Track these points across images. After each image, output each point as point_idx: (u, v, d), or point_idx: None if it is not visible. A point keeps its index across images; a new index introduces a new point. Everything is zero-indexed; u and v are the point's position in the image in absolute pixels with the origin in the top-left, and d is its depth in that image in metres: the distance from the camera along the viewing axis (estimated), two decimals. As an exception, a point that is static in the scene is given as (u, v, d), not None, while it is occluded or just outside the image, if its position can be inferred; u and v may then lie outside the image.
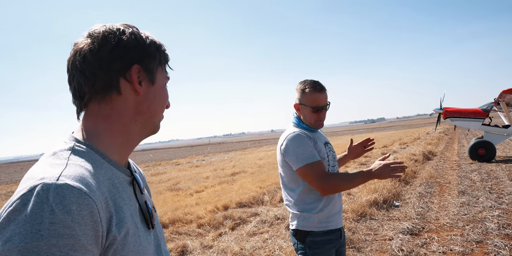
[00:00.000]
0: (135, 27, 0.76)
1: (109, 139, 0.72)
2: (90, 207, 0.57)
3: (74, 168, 0.61)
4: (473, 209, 4.72)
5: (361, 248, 3.68)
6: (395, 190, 5.92)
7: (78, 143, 0.68)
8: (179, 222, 5.19)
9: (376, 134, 36.88)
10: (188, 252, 3.97)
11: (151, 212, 0.76)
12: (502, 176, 6.91)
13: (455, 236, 3.77)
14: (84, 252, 0.55)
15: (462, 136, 19.49)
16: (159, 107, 0.78)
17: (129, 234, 0.64)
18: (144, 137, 0.79)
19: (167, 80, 0.81)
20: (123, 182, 0.71)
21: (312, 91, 1.70)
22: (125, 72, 0.71)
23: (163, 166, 20.25)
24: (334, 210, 1.71)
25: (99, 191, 0.61)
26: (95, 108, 0.72)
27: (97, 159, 0.68)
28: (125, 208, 0.66)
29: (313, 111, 1.71)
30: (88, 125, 0.72)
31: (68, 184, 0.56)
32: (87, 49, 0.70)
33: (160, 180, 11.84)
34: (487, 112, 10.11)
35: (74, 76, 0.71)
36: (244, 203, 6.04)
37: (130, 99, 0.73)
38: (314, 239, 1.65)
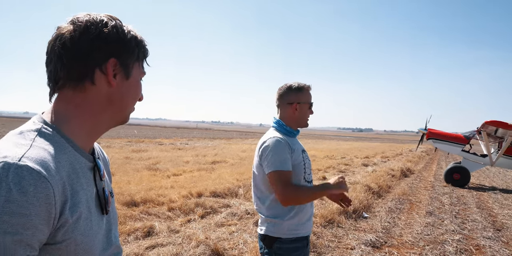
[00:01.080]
0: (119, 20, 0.77)
1: (77, 125, 0.74)
2: (46, 190, 0.59)
3: (37, 150, 0.63)
4: (436, 231, 4.88)
5: (323, 253, 3.78)
6: (366, 202, 6.06)
7: (46, 126, 0.70)
8: (150, 203, 5.20)
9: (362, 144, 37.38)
10: (154, 234, 4.00)
11: (107, 199, 0.79)
12: (470, 203, 7.14)
13: (413, 254, 3.90)
14: (34, 231, 0.58)
15: (442, 158, 19.95)
16: (130, 100, 0.81)
17: (81, 218, 0.67)
18: (112, 126, 0.81)
19: (143, 75, 0.83)
20: (84, 168, 0.73)
21: (307, 88, 1.81)
22: (101, 64, 0.73)
23: (146, 143, 20.12)
24: (305, 217, 1.73)
25: (58, 175, 0.63)
26: (68, 93, 0.74)
27: (62, 143, 0.70)
28: (81, 193, 0.69)
29: (310, 107, 1.81)
30: (58, 109, 0.74)
31: (28, 166, 0.59)
32: (68, 36, 0.71)
33: (140, 157, 11.78)
34: (468, 139, 10.39)
35: (51, 60, 0.73)
36: (218, 193, 6.08)
37: (103, 90, 0.75)
38: (281, 246, 1.66)
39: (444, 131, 10.93)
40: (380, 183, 7.98)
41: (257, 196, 1.76)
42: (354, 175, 9.67)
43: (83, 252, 0.69)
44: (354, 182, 8.03)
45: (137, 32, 0.79)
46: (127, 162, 10.04)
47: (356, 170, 11.22)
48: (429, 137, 10.66)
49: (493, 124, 8.83)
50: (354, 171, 10.91)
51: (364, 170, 11.12)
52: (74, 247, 0.67)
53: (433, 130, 10.73)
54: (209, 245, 3.53)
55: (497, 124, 8.81)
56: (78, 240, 0.67)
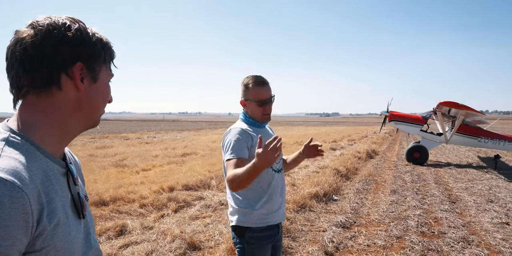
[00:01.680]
0: (82, 22, 0.75)
1: (46, 131, 0.73)
2: (22, 200, 0.59)
3: (7, 160, 0.62)
4: (400, 208, 5.20)
5: (296, 237, 3.92)
6: (336, 185, 6.31)
7: (13, 134, 0.69)
8: (120, 201, 5.10)
9: (329, 128, 38.42)
10: (127, 232, 3.95)
11: (82, 203, 0.79)
12: (429, 179, 7.65)
13: (380, 231, 4.15)
14: (13, 241, 0.58)
15: (404, 138, 21.03)
16: (100, 103, 0.80)
17: (59, 224, 0.67)
18: (82, 130, 0.81)
19: (111, 77, 0.82)
20: (57, 174, 0.73)
21: (255, 85, 1.75)
22: (67, 68, 0.72)
23: (111, 139, 19.44)
24: (275, 207, 1.79)
25: (32, 184, 0.63)
26: (33, 100, 0.72)
27: (32, 150, 0.69)
28: (57, 200, 0.69)
29: (258, 105, 1.76)
30: (24, 116, 0.72)
31: (1, 178, 0.58)
32: (29, 41, 0.69)
33: (105, 154, 11.40)
34: (426, 119, 11.06)
35: (13, 66, 0.70)
36: (190, 186, 6.06)
37: (71, 95, 0.74)
38: (252, 235, 1.73)
39: (404, 113, 11.52)
40: (347, 166, 8.31)
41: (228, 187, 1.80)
42: (323, 160, 9.98)
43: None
44: (323, 166, 8.30)
45: (102, 34, 0.78)
46: (91, 160, 9.69)
47: (324, 154, 11.52)
48: (391, 119, 11.21)
49: (447, 104, 9.42)
50: (323, 155, 11.24)
51: (332, 154, 11.49)
52: (54, 254, 0.67)
53: (395, 112, 11.28)
54: (185, 239, 3.55)
55: (450, 104, 9.41)
56: (57, 247, 0.67)
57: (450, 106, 9.45)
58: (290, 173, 7.56)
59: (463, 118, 10.04)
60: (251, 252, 1.73)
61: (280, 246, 1.93)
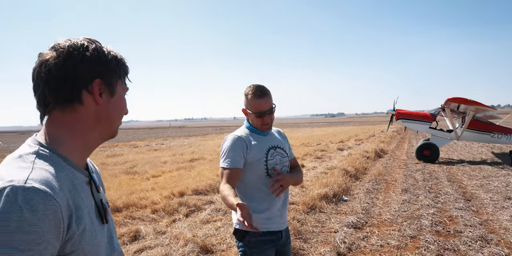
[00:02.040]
0: (98, 42, 0.82)
1: (70, 144, 0.79)
2: (54, 207, 0.65)
3: (39, 171, 0.68)
4: (412, 207, 5.14)
5: (308, 239, 3.90)
6: (345, 185, 6.27)
7: (42, 147, 0.75)
8: (133, 207, 5.14)
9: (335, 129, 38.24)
10: (140, 237, 3.98)
11: (105, 209, 0.85)
12: (442, 177, 7.55)
13: (393, 231, 4.11)
14: (46, 245, 0.64)
15: (413, 136, 20.82)
16: (117, 115, 0.86)
17: (86, 229, 0.73)
18: (102, 141, 0.87)
19: (126, 91, 0.89)
20: (82, 182, 0.79)
21: (253, 97, 1.75)
22: (87, 85, 0.78)
23: (120, 147, 19.63)
24: (274, 213, 1.78)
25: (62, 192, 0.68)
26: (58, 115, 0.78)
27: (59, 162, 0.75)
28: (83, 206, 0.74)
29: (257, 116, 1.77)
30: (51, 130, 0.78)
31: (35, 187, 0.64)
32: (53, 63, 0.75)
33: (116, 162, 11.52)
34: (434, 116, 10.92)
35: (39, 86, 0.77)
36: (200, 191, 6.09)
37: (91, 109, 0.80)
38: (251, 239, 1.72)
39: (412, 111, 11.42)
40: (356, 166, 8.25)
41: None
42: (331, 160, 9.94)
43: None
44: (332, 167, 8.25)
45: (116, 52, 0.84)
46: (103, 168, 9.78)
47: (332, 155, 11.51)
48: (398, 117, 11.10)
49: (455, 100, 9.32)
50: (330, 156, 11.19)
51: (340, 154, 11.44)
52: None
53: (401, 110, 11.17)
54: (197, 243, 3.56)
55: (458, 100, 9.30)
56: (85, 250, 0.73)
57: (458, 102, 9.34)
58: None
59: (473, 113, 9.91)
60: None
61: (288, 250, 1.89)
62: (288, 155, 1.90)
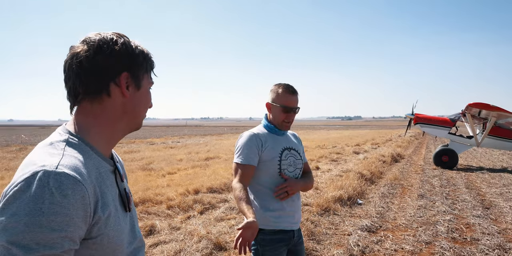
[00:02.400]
0: (126, 37, 0.86)
1: (97, 133, 0.83)
2: (82, 192, 0.69)
3: (69, 158, 0.73)
4: (428, 212, 5.06)
5: (321, 240, 3.90)
6: (360, 188, 6.22)
7: (72, 136, 0.80)
8: (149, 202, 5.25)
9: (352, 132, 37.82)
10: (155, 232, 4.07)
11: (128, 198, 0.89)
12: (459, 184, 7.38)
13: (408, 236, 4.06)
14: (75, 227, 0.68)
15: (431, 141, 20.39)
16: (142, 108, 0.90)
17: (111, 215, 0.77)
18: (127, 133, 0.91)
19: (151, 85, 0.93)
20: (107, 171, 0.83)
21: (285, 92, 1.82)
22: (115, 77, 0.82)
23: (137, 144, 20.01)
24: (286, 212, 1.79)
25: (89, 179, 0.73)
26: (87, 106, 0.83)
27: (87, 150, 0.79)
28: (108, 194, 0.79)
29: (283, 110, 1.81)
30: (79, 119, 0.83)
31: (65, 173, 0.68)
32: (84, 56, 0.79)
33: (133, 158, 11.76)
34: (454, 121, 10.67)
35: (70, 77, 0.81)
36: (214, 189, 6.16)
37: (118, 100, 0.84)
38: (264, 237, 1.75)
39: (431, 115, 11.19)
40: (372, 170, 8.16)
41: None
42: (346, 163, 9.86)
43: (114, 245, 0.78)
44: (347, 170, 8.20)
45: (143, 47, 0.88)
46: (120, 164, 10.02)
47: (348, 158, 11.41)
48: (416, 122, 10.91)
49: (476, 106, 9.09)
50: (346, 159, 11.10)
51: (355, 157, 11.32)
52: (107, 241, 0.76)
53: (420, 115, 10.97)
54: (211, 240, 3.62)
55: (480, 106, 9.07)
56: (110, 235, 0.76)
57: (480, 107, 9.11)
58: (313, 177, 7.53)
59: (495, 119, 9.64)
60: (264, 254, 1.74)
61: (301, 250, 1.90)
62: (301, 157, 1.91)
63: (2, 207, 0.65)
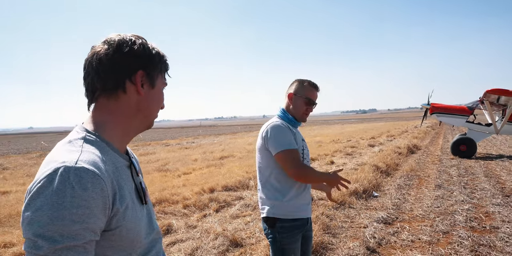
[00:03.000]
0: (144, 39, 0.91)
1: (113, 130, 0.88)
2: (101, 185, 0.73)
3: (87, 154, 0.77)
4: (446, 202, 4.98)
5: (337, 234, 3.90)
6: (375, 181, 6.16)
7: (88, 133, 0.84)
8: (165, 202, 5.36)
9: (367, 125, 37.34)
10: (173, 231, 4.15)
11: (144, 191, 0.94)
12: (478, 172, 7.22)
13: (425, 227, 4.01)
14: (96, 219, 0.72)
15: (449, 131, 19.94)
16: (155, 107, 0.94)
17: (128, 207, 0.81)
18: (140, 131, 0.95)
19: (165, 85, 0.97)
20: (123, 166, 0.88)
21: (310, 86, 1.93)
22: (131, 75, 0.87)
23: (153, 146, 20.32)
24: (303, 201, 1.87)
25: (107, 173, 0.77)
26: (104, 102, 0.88)
27: (104, 146, 0.84)
28: (125, 187, 0.83)
29: (306, 103, 1.90)
30: (96, 117, 0.88)
31: (84, 167, 0.73)
32: (104, 53, 0.85)
33: (149, 160, 11.96)
34: (472, 110, 10.39)
35: (89, 74, 0.86)
36: (230, 187, 6.22)
37: (133, 98, 0.89)
38: (283, 224, 1.82)
39: (447, 104, 10.93)
40: (387, 162, 8.07)
41: (260, 179, 1.91)
42: (361, 157, 9.77)
43: (133, 236, 0.83)
44: (362, 163, 8.13)
45: (159, 49, 0.93)
46: (137, 166, 10.22)
47: (363, 151, 11.30)
48: (432, 111, 10.67)
49: (495, 92, 8.83)
50: (361, 152, 10.99)
51: (371, 150, 11.20)
52: (126, 232, 0.80)
53: (436, 104, 10.74)
54: (227, 236, 3.67)
55: (499, 92, 8.81)
56: (128, 226, 0.80)
57: (499, 93, 8.84)
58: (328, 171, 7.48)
59: (515, 106, 9.35)
60: (282, 241, 1.81)
61: (311, 236, 2.02)
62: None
63: (28, 203, 0.69)
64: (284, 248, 1.80)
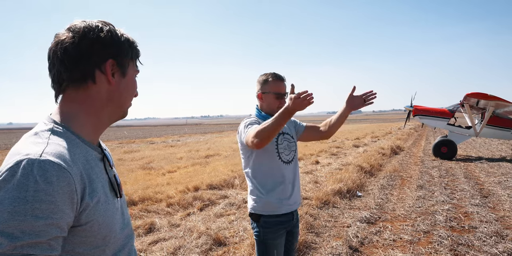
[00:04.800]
0: (112, 25, 0.85)
1: (83, 121, 0.83)
2: (67, 179, 0.69)
3: (54, 146, 0.72)
4: (427, 203, 5.08)
5: (320, 233, 3.93)
6: (359, 181, 6.24)
7: (57, 125, 0.79)
8: (148, 201, 5.27)
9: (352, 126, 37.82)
10: (155, 230, 4.09)
11: (119, 184, 0.90)
12: (458, 174, 7.40)
13: (406, 226, 4.08)
14: (62, 215, 0.67)
15: (431, 133, 20.38)
16: (128, 96, 0.90)
17: (100, 201, 0.77)
18: (113, 121, 0.91)
19: (137, 73, 0.92)
20: (95, 159, 0.83)
21: (275, 79, 1.89)
22: (100, 64, 0.82)
23: (137, 144, 20.03)
24: (283, 196, 1.86)
25: (75, 166, 0.73)
26: (72, 93, 0.83)
27: (73, 138, 0.79)
28: (96, 181, 0.79)
29: (276, 97, 1.88)
30: (64, 108, 0.83)
31: (50, 160, 0.68)
32: (69, 42, 0.79)
33: (133, 158, 11.77)
34: (452, 112, 10.67)
35: (54, 65, 0.81)
36: (214, 186, 6.18)
37: (103, 88, 0.84)
38: (266, 220, 1.84)
39: (429, 107, 11.19)
40: (371, 163, 8.18)
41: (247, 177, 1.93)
42: (346, 157, 9.88)
43: (105, 231, 0.79)
44: (346, 163, 8.22)
45: (129, 35, 0.88)
46: (120, 164, 10.04)
47: (347, 151, 11.43)
48: (415, 113, 10.90)
49: (474, 96, 9.08)
50: (345, 153, 11.11)
51: (355, 151, 11.35)
52: (98, 227, 0.77)
53: (419, 107, 10.96)
54: (210, 235, 3.64)
55: (478, 95, 9.06)
56: (100, 221, 0.77)
57: (478, 97, 9.09)
58: (313, 171, 7.54)
59: (493, 109, 9.63)
60: (265, 236, 1.83)
61: (297, 232, 2.01)
62: (294, 140, 2.00)
63: None
64: (267, 243, 1.83)
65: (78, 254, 0.75)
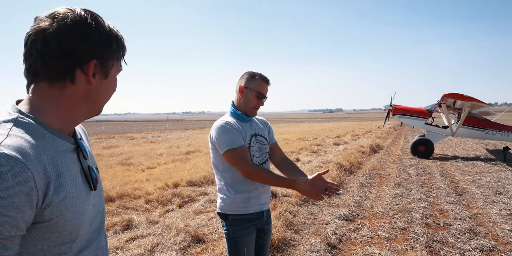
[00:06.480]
0: (100, 17, 0.78)
1: (53, 117, 0.76)
2: (25, 174, 0.63)
3: (14, 138, 0.66)
4: (404, 200, 5.19)
5: (299, 230, 3.94)
6: (339, 179, 6.31)
7: (22, 115, 0.72)
8: (127, 197, 5.16)
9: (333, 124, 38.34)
10: (133, 227, 4.00)
11: (94, 176, 0.83)
12: (435, 172, 7.61)
13: (384, 223, 4.15)
14: (17, 212, 0.62)
15: (409, 132, 20.89)
16: (106, 96, 0.84)
17: (67, 197, 0.71)
18: (87, 118, 0.85)
19: (119, 72, 0.86)
20: (66, 150, 0.77)
21: (261, 80, 1.87)
22: (83, 65, 0.75)
23: (116, 139, 19.60)
24: (253, 195, 1.83)
25: (36, 160, 0.66)
26: (45, 87, 0.75)
27: (40, 130, 0.72)
28: (66, 174, 0.73)
29: (257, 96, 1.85)
30: (35, 100, 0.76)
31: (5, 153, 0.62)
32: (52, 35, 0.71)
33: (112, 153, 11.51)
34: (430, 112, 10.95)
35: (31, 54, 0.73)
36: (194, 182, 6.11)
37: (82, 88, 0.77)
38: (235, 218, 1.82)
39: (408, 106, 11.44)
40: (351, 161, 8.29)
41: (215, 174, 1.91)
42: (326, 155, 9.98)
43: (72, 227, 0.74)
44: (327, 161, 8.30)
45: (118, 31, 0.81)
46: (98, 159, 9.79)
47: (328, 149, 11.56)
48: (394, 113, 11.12)
49: (451, 96, 9.34)
50: (326, 150, 11.23)
51: (335, 149, 11.48)
52: (64, 223, 0.72)
53: (398, 106, 11.19)
54: (189, 232, 3.59)
55: (455, 96, 9.32)
56: (66, 217, 0.72)
57: (455, 97, 9.35)
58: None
59: (469, 110, 9.93)
60: (234, 234, 1.81)
61: (269, 229, 1.99)
62: (268, 142, 1.96)
63: None
64: (236, 240, 1.81)
65: (41, 251, 0.70)
